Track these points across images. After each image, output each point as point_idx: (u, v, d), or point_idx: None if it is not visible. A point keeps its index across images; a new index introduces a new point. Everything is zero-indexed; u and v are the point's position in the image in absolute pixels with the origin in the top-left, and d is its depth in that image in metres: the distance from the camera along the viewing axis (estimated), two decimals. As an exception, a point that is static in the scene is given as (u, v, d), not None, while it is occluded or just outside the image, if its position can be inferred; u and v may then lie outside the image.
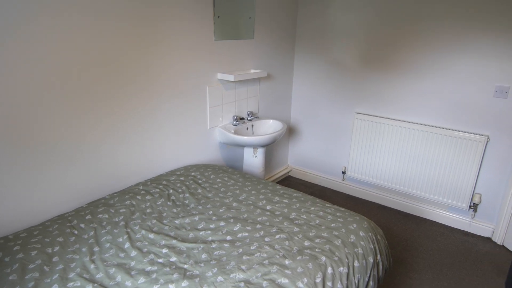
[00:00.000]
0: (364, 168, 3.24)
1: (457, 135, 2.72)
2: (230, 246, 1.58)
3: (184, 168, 2.34)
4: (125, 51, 1.95)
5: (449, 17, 2.61)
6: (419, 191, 3.00)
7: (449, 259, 2.54)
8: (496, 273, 2.41)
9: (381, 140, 3.08)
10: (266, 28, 2.99)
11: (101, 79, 1.88)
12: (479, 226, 2.86)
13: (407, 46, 2.83)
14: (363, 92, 3.15)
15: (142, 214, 1.80)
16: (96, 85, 1.86)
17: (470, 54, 2.59)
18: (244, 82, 2.87)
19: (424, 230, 2.89)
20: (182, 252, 1.54)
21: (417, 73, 2.84)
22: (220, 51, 2.59)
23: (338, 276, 1.46)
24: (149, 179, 2.18)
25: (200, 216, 1.81)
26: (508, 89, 2.51)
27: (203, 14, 2.36)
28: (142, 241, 1.60)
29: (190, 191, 2.05)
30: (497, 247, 2.71)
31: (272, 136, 2.62)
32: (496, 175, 2.70)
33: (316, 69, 3.37)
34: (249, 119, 2.90)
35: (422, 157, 2.92)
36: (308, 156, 3.70)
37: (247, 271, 1.41)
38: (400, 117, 3.01)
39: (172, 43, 2.21)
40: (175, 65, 2.27)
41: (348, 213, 1.90)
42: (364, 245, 1.67)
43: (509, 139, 2.59)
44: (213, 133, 2.70)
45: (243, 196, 2.03)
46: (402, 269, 2.41)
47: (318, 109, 3.47)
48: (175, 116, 2.36)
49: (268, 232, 1.69)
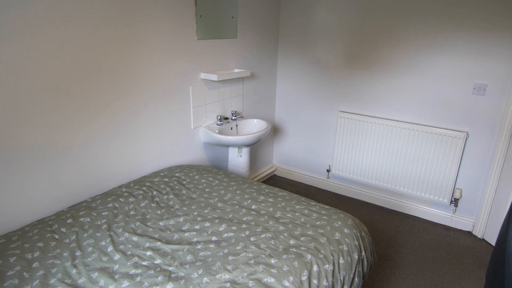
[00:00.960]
0: (348, 166, 3.28)
1: (438, 132, 2.77)
2: (215, 246, 1.57)
3: (168, 169, 2.31)
4: (106, 52, 1.91)
5: (428, 16, 2.65)
6: (402, 187, 3.05)
7: (432, 254, 2.58)
8: (477, 266, 2.47)
9: (364, 138, 3.11)
10: (249, 27, 2.99)
11: (81, 81, 1.84)
12: (460, 221, 2.92)
13: (388, 45, 2.87)
14: (346, 90, 3.18)
15: (125, 217, 1.77)
16: (76, 88, 1.82)
17: (448, 52, 2.65)
18: (227, 81, 2.86)
19: (407, 226, 2.94)
20: (167, 254, 1.52)
21: (398, 71, 2.88)
22: (203, 51, 2.57)
23: (323, 273, 1.47)
24: (132, 181, 2.15)
25: (185, 217, 1.79)
26: (486, 86, 2.57)
27: (184, 13, 2.34)
28: (125, 244, 1.57)
29: (174, 192, 2.03)
30: (478, 240, 2.78)
31: (256, 136, 2.61)
32: (475, 171, 2.77)
33: (299, 68, 3.39)
34: (234, 119, 2.89)
35: (404, 154, 2.97)
36: (293, 155, 3.71)
37: (233, 271, 1.41)
38: (382, 115, 3.05)
39: (154, 43, 2.18)
40: (158, 65, 2.24)
41: (333, 210, 1.91)
42: (349, 242, 1.68)
43: (487, 135, 2.65)
44: (197, 133, 2.68)
45: (228, 196, 2.02)
46: (387, 264, 2.45)
47: (302, 108, 3.49)
48: (158, 116, 2.33)
49: (253, 231, 1.69)
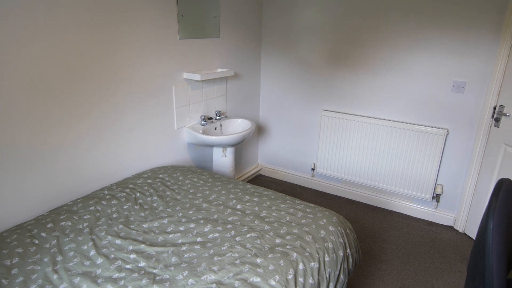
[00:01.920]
0: (333, 164, 3.30)
1: (419, 129, 2.82)
2: (200, 247, 1.56)
3: (152, 171, 2.28)
4: (87, 55, 1.87)
5: (409, 15, 2.70)
6: (386, 184, 3.10)
7: (415, 249, 2.63)
8: (459, 259, 2.53)
9: (347, 136, 3.14)
10: (232, 27, 2.98)
11: (61, 80, 1.79)
12: (442, 216, 2.98)
13: (370, 44, 2.91)
14: (329, 89, 3.20)
15: (108, 220, 1.74)
16: (56, 88, 1.77)
17: (429, 51, 2.70)
18: (211, 81, 2.84)
19: (391, 222, 2.98)
20: (151, 256, 1.50)
21: (380, 70, 2.92)
22: (186, 50, 2.54)
23: (309, 271, 1.47)
24: (115, 183, 2.11)
25: (169, 219, 1.77)
26: (465, 84, 2.63)
27: (166, 12, 2.31)
28: (108, 247, 1.54)
29: (158, 194, 2.00)
30: (459, 234, 2.84)
31: (241, 135, 2.60)
32: (456, 166, 2.83)
33: (283, 67, 3.40)
34: (218, 119, 2.87)
35: (387, 151, 3.01)
36: (278, 154, 3.72)
37: (219, 272, 1.40)
38: (365, 113, 3.09)
39: (136, 44, 2.15)
40: (139, 65, 2.21)
41: (318, 208, 1.92)
42: (334, 240, 1.69)
43: (467, 131, 2.72)
44: (180, 133, 2.65)
45: (213, 197, 2.01)
46: (371, 260, 2.48)
47: (286, 107, 3.50)
48: (141, 117, 2.30)
49: (239, 231, 1.68)
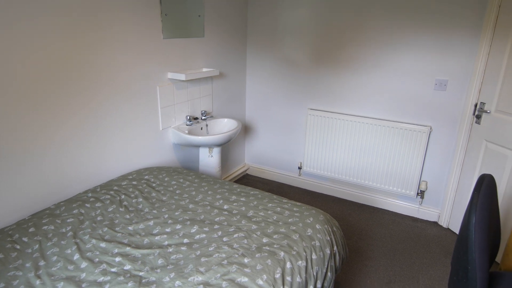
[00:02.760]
0: (319, 163, 3.32)
1: (403, 126, 2.86)
2: (187, 249, 1.54)
3: (137, 172, 2.25)
4: (67, 54, 1.83)
5: (392, 14, 2.73)
6: (371, 182, 3.13)
7: (401, 245, 2.67)
8: (443, 254, 2.57)
9: (333, 134, 3.17)
10: (216, 26, 2.96)
11: (42, 83, 1.75)
12: (426, 212, 3.03)
13: (354, 43, 2.93)
14: (315, 88, 3.22)
15: (92, 223, 1.71)
16: (37, 88, 1.73)
17: (411, 50, 2.74)
18: (196, 81, 2.82)
19: (377, 219, 3.02)
20: (137, 259, 1.47)
21: (364, 68, 2.95)
22: (170, 50, 2.52)
23: (297, 270, 1.48)
24: (99, 185, 2.07)
25: (155, 221, 1.75)
26: (447, 82, 2.68)
27: (149, 12, 2.28)
28: (93, 251, 1.52)
29: (143, 195, 1.98)
30: (443, 230, 2.89)
31: (227, 135, 2.59)
32: (439, 163, 2.88)
33: (268, 66, 3.40)
34: (203, 119, 2.85)
35: (372, 149, 3.04)
36: (264, 154, 3.72)
37: (206, 273, 1.39)
38: (350, 111, 3.12)
39: (118, 43, 2.11)
40: (122, 66, 2.17)
41: (305, 207, 1.92)
42: (321, 238, 1.70)
43: (449, 128, 2.77)
44: (166, 134, 2.62)
45: (200, 197, 1.99)
46: (358, 257, 2.50)
47: (272, 106, 3.50)
48: (125, 118, 2.26)
49: (226, 231, 1.67)
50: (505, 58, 2.31)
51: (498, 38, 2.35)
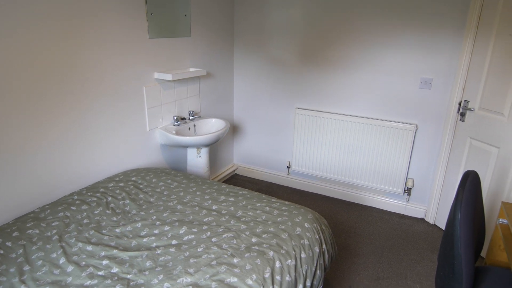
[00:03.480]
0: (308, 162, 3.33)
1: (389, 125, 2.89)
2: (176, 250, 1.53)
3: (123, 174, 2.22)
4: (51, 54, 1.80)
5: (377, 13, 2.76)
6: (359, 180, 3.16)
7: (389, 242, 2.69)
8: (430, 250, 2.61)
9: (321, 133, 3.18)
10: (203, 26, 2.94)
11: (24, 81, 1.71)
12: (413, 209, 3.07)
13: (341, 41, 2.95)
14: (302, 87, 3.23)
15: (78, 226, 1.68)
16: (19, 89, 1.69)
17: (397, 49, 2.77)
18: (183, 81, 2.80)
19: (365, 217, 3.05)
20: (125, 261, 1.46)
21: (350, 67, 2.97)
22: (156, 50, 2.49)
23: (286, 269, 1.48)
24: (85, 187, 2.04)
25: (143, 222, 1.73)
26: (432, 80, 2.72)
27: (134, 11, 2.26)
28: (79, 254, 1.49)
29: (130, 197, 1.95)
30: (430, 226, 2.94)
31: (215, 135, 2.58)
32: (425, 160, 2.92)
33: (256, 66, 3.40)
34: (191, 119, 2.83)
35: (359, 147, 3.07)
36: (253, 153, 3.71)
37: (195, 274, 1.38)
38: (337, 110, 3.14)
39: (103, 43, 2.08)
40: (108, 66, 2.14)
41: (293, 206, 1.93)
42: (309, 236, 1.70)
43: (434, 126, 2.81)
44: (153, 135, 2.60)
45: (188, 198, 1.98)
46: (347, 255, 2.52)
47: (260, 106, 3.50)
48: (110, 119, 2.23)
49: (215, 232, 1.66)
50: (488, 57, 2.35)
51: (481, 37, 2.40)
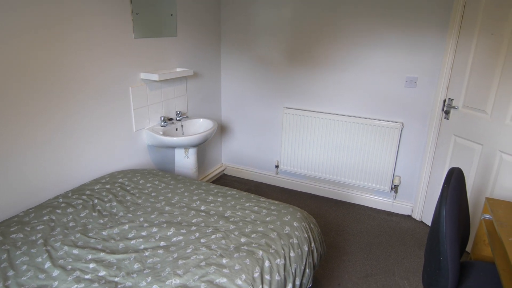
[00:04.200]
0: (296, 161, 3.35)
1: (376, 123, 2.93)
2: (164, 252, 1.52)
3: (110, 175, 2.19)
4: (33, 54, 1.76)
5: (362, 13, 2.78)
6: (347, 178, 3.18)
7: (376, 239, 2.72)
8: (417, 246, 2.65)
9: (309, 132, 3.20)
10: (189, 25, 2.93)
11: (8, 84, 1.67)
12: (400, 206, 3.11)
13: (327, 41, 2.97)
14: (290, 87, 3.24)
15: (64, 229, 1.65)
16: (3, 92, 1.66)
17: (382, 48, 2.80)
18: (170, 81, 2.78)
19: (353, 214, 3.07)
20: (112, 264, 1.44)
21: (337, 67, 3.00)
22: (142, 50, 2.47)
23: (275, 268, 1.48)
24: (70, 190, 2.00)
25: (130, 225, 1.71)
26: (416, 79, 2.76)
27: (119, 10, 2.23)
28: (65, 258, 1.46)
29: (117, 199, 1.93)
30: (417, 223, 2.98)
31: (203, 135, 2.57)
32: (411, 158, 2.96)
33: (243, 66, 3.39)
34: (178, 119, 2.81)
35: (347, 146, 3.09)
36: (241, 153, 3.71)
37: (184, 276, 1.37)
38: (324, 109, 3.16)
39: (87, 43, 2.05)
40: (93, 66, 2.11)
41: (282, 205, 1.93)
42: (298, 235, 1.71)
43: (420, 124, 2.85)
44: (140, 136, 2.57)
45: (176, 199, 1.96)
46: (336, 253, 2.54)
47: (248, 105, 3.50)
48: (96, 120, 2.20)
49: (203, 233, 1.66)
50: (471, 55, 2.40)
51: (464, 36, 2.44)
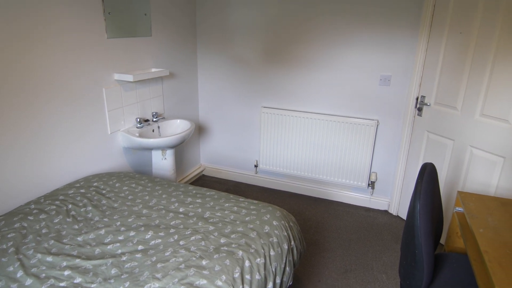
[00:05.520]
0: (275, 160, 3.36)
1: (352, 121, 2.97)
2: (142, 256, 1.49)
3: (85, 179, 2.14)
4: (2, 55, 1.70)
5: (336, 13, 2.82)
6: (325, 176, 3.22)
7: (355, 235, 2.77)
8: (394, 240, 2.71)
9: (287, 131, 3.22)
10: (164, 25, 2.89)
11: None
12: (377, 201, 3.18)
13: (303, 40, 2.99)
14: (267, 86, 3.25)
15: (37, 236, 1.60)
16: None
17: (357, 47, 2.85)
18: (145, 82, 2.73)
19: (332, 211, 3.11)
20: (88, 271, 1.40)
21: (313, 66, 3.03)
22: (116, 50, 2.41)
23: (255, 267, 1.48)
24: (43, 195, 1.94)
25: (107, 229, 1.67)
26: (390, 77, 2.82)
27: (91, 10, 2.17)
28: (38, 266, 1.41)
29: (92, 204, 1.88)
30: (393, 217, 3.05)
31: (180, 136, 2.54)
32: (387, 154, 3.03)
33: (220, 65, 3.37)
34: (155, 120, 2.77)
35: (324, 144, 3.13)
36: (220, 153, 3.69)
37: (163, 279, 1.35)
38: (302, 108, 3.18)
39: (57, 43, 1.98)
40: (64, 67, 2.05)
41: (261, 205, 1.94)
42: (278, 234, 1.72)
43: (394, 121, 2.92)
44: (115, 138, 2.51)
45: (154, 202, 1.93)
46: (316, 250, 2.56)
47: (226, 105, 3.48)
48: (69, 123, 2.14)
49: (182, 235, 1.64)
50: (441, 54, 2.47)
51: (434, 36, 2.51)
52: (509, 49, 2.03)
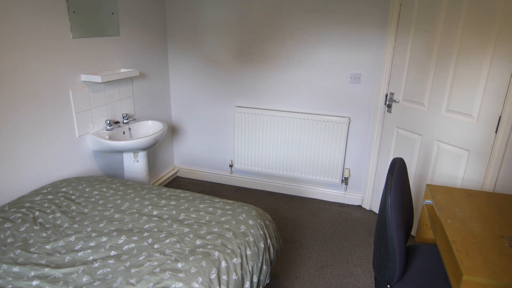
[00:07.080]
0: (249, 159, 3.36)
1: (324, 119, 3.02)
2: (115, 261, 1.45)
3: (52, 185, 2.05)
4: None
5: (306, 12, 2.85)
6: (300, 173, 3.25)
7: (330, 230, 2.81)
8: (368, 234, 2.77)
9: (261, 130, 3.22)
10: (133, 25, 2.82)
11: None
12: (351, 197, 3.24)
13: (274, 39, 3.01)
14: (240, 85, 3.24)
15: (1, 246, 1.52)
16: None
17: (328, 46, 2.89)
18: (114, 82, 2.66)
19: (308, 208, 3.15)
20: (58, 279, 1.35)
21: (285, 64, 3.04)
22: (82, 50, 2.33)
23: (232, 268, 1.47)
24: (7, 203, 1.84)
25: (77, 236, 1.61)
26: (360, 75, 2.88)
27: (54, 8, 2.09)
28: (4, 277, 1.35)
29: (61, 210, 1.81)
30: (367, 212, 3.12)
31: (152, 138, 2.49)
32: (359, 151, 3.10)
33: (192, 65, 3.33)
34: (125, 122, 2.70)
35: (298, 142, 3.16)
36: (194, 154, 3.65)
37: (137, 284, 1.31)
38: (275, 107, 3.20)
39: (18, 43, 1.90)
40: (26, 68, 1.96)
41: (237, 204, 1.93)
42: (254, 233, 1.71)
43: (365, 118, 2.98)
44: (84, 141, 2.43)
45: (126, 205, 1.88)
46: (292, 247, 2.58)
47: (199, 105, 3.45)
48: (33, 127, 2.05)
49: (157, 238, 1.61)
50: (408, 52, 2.55)
51: (401, 34, 2.59)
52: (471, 46, 2.12)
